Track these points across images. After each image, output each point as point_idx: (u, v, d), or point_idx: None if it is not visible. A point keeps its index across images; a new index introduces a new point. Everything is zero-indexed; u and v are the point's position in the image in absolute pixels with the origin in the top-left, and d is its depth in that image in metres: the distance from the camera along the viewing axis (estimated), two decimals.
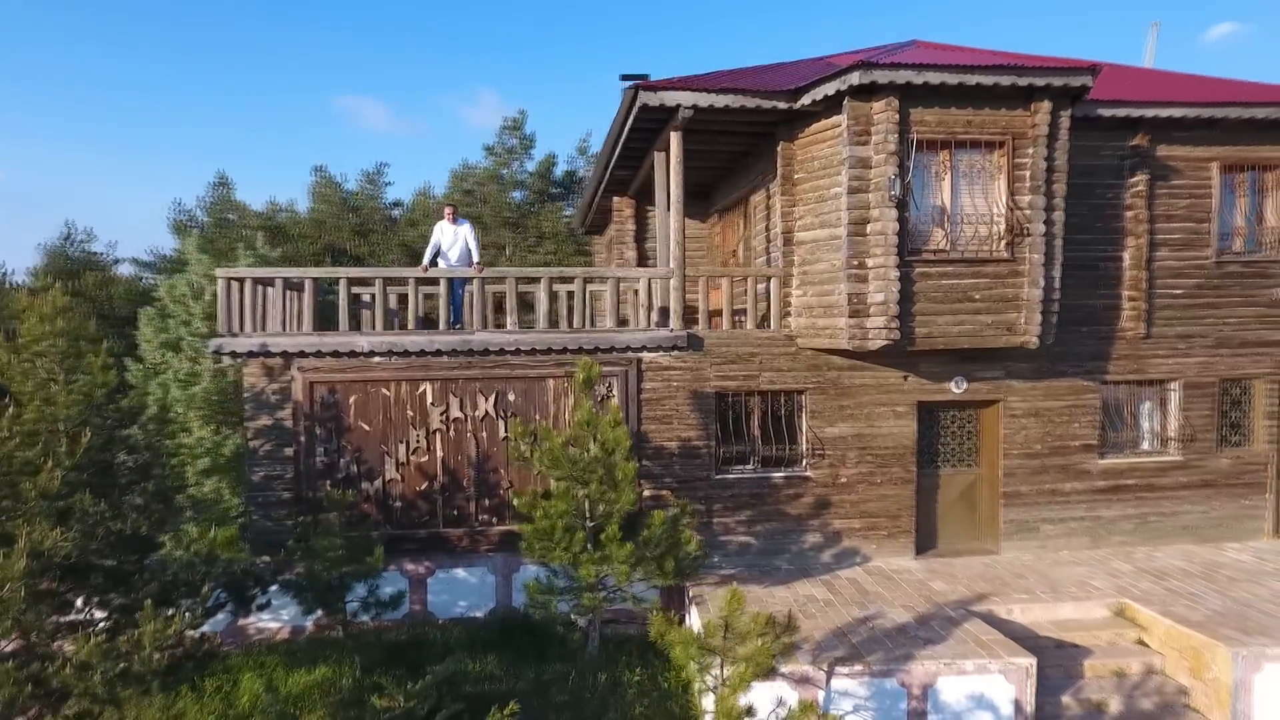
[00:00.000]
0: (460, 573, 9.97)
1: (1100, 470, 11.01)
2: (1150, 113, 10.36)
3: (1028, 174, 9.28)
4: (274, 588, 8.10)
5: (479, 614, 9.97)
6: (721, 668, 6.39)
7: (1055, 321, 9.70)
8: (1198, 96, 10.65)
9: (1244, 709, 7.69)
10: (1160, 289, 10.96)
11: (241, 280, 9.68)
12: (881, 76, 8.75)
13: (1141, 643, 8.80)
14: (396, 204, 30.42)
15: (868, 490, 10.52)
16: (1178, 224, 10.96)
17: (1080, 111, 9.87)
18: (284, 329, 10.24)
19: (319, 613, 8.28)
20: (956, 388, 10.61)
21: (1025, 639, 8.36)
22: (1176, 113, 10.38)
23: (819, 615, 8.75)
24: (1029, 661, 7.54)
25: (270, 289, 10.23)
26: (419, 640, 9.45)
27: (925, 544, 10.85)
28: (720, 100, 9.51)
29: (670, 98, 9.44)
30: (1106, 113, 10.23)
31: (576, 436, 8.24)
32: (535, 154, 25.09)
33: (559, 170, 25.75)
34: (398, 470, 9.83)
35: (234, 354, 9.46)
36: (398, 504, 9.85)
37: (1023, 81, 8.90)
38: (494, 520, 9.98)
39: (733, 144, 11.64)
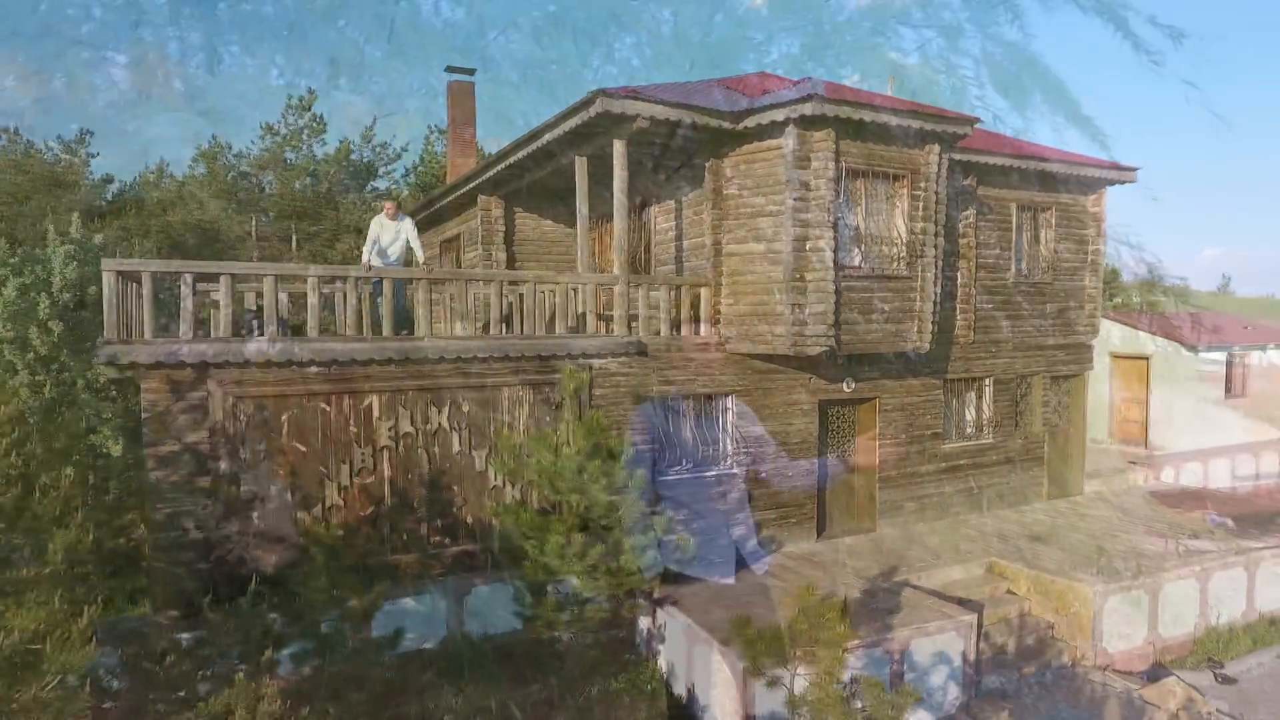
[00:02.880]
0: (408, 602, 9.05)
1: (944, 453, 13.20)
2: (981, 159, 12.68)
3: (921, 204, 10.89)
4: None
5: (430, 645, 9.14)
6: (794, 656, 6.79)
7: (936, 330, 11.49)
8: (1007, 150, 13.23)
9: (1099, 633, 9.90)
10: (981, 303, 13.44)
11: (137, 275, 7.87)
12: (829, 110, 9.72)
13: (1011, 592, 10.81)
14: (109, 179, 25.87)
15: (782, 483, 11.51)
16: (992, 250, 13.52)
17: None
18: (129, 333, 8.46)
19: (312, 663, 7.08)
20: (847, 387, 12.03)
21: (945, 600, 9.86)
22: (997, 161, 12.83)
23: (787, 600, 9.45)
24: (972, 617, 8.98)
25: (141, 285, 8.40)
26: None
27: (821, 527, 12.14)
28: (675, 115, 9.83)
29: (631, 107, 9.55)
30: (955, 156, 12.30)
31: (581, 447, 8.04)
32: (327, 139, 22.83)
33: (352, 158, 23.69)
34: (340, 494, 8.68)
35: (133, 365, 7.65)
36: (340, 533, 8.67)
37: (927, 126, 10.45)
38: (448, 541, 9.25)
39: (637, 154, 11.90)
